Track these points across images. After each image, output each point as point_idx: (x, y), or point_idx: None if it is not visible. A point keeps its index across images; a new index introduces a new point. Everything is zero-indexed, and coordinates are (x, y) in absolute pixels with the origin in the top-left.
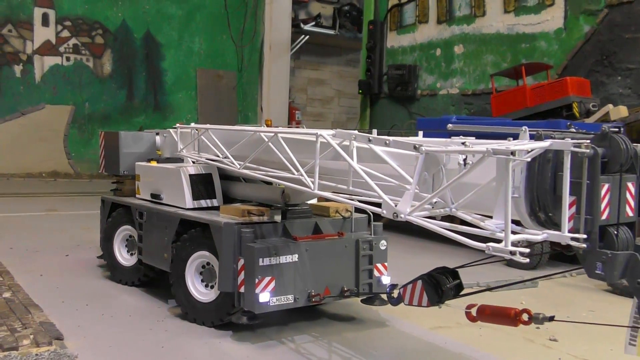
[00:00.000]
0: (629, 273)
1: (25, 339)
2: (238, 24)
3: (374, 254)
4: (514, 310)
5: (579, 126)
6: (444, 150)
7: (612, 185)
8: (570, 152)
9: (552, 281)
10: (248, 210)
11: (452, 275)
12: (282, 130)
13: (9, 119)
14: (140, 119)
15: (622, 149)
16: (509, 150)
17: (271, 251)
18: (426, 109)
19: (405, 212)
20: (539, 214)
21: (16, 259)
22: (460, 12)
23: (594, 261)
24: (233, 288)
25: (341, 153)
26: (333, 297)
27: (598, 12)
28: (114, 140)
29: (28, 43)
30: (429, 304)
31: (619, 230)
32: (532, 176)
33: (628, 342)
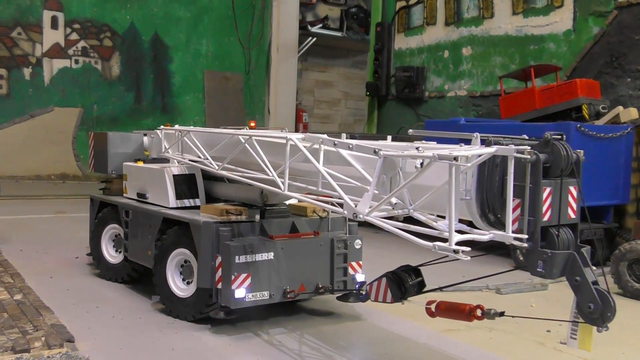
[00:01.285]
0: (568, 271)
1: (37, 341)
2: (245, 26)
3: (348, 252)
4: (468, 306)
5: (589, 128)
6: (400, 154)
7: (554, 189)
8: (513, 157)
9: (562, 284)
10: (226, 210)
11: (414, 273)
12: (256, 133)
13: (18, 122)
14: (148, 121)
15: (562, 155)
16: (452, 156)
17: (247, 249)
18: (434, 111)
19: (363, 213)
20: (488, 215)
21: (26, 260)
22: (468, 14)
23: (536, 260)
24: (211, 284)
25: (308, 156)
26: (308, 294)
27: (607, 13)
28: (103, 141)
29: (37, 46)
30: (392, 300)
31: (560, 231)
32: (482, 180)
33: (570, 336)
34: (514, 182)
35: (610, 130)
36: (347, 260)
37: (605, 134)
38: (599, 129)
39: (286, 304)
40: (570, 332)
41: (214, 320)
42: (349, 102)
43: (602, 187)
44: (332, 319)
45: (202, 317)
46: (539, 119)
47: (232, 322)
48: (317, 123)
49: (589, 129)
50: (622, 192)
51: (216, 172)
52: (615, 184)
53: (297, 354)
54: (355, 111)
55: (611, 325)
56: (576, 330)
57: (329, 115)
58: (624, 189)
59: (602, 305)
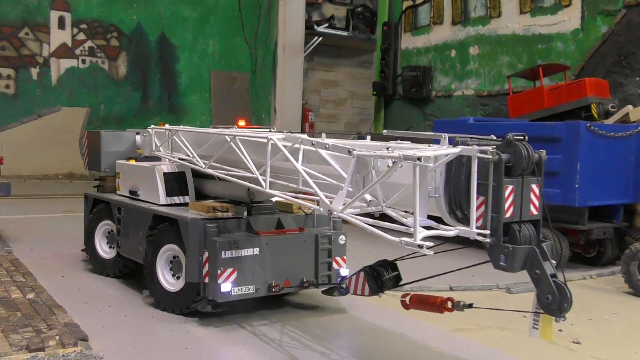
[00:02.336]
0: (528, 265)
1: (51, 340)
2: (252, 26)
3: (332, 247)
4: (440, 299)
5: (598, 127)
6: (371, 154)
7: (516, 187)
8: (477, 157)
9: (572, 283)
10: (213, 207)
11: (391, 268)
12: (240, 133)
13: (25, 121)
14: (154, 121)
15: (524, 155)
16: (415, 156)
17: (232, 245)
18: (441, 111)
19: (337, 210)
20: (456, 212)
21: (37, 260)
22: (475, 13)
23: (498, 254)
24: (199, 279)
25: (287, 155)
26: (293, 288)
27: (616, 12)
28: (96, 140)
29: (44, 46)
30: (370, 293)
31: (521, 226)
32: (450, 178)
33: (532, 326)
34: (479, 180)
35: (619, 129)
36: (331, 255)
37: (614, 133)
38: (608, 128)
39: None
40: (532, 322)
41: (202, 313)
42: (355, 101)
43: (612, 187)
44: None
45: (190, 311)
46: (547, 118)
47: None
48: (323, 122)
49: (599, 128)
50: (632, 191)
51: (203, 170)
52: (625, 183)
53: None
54: (361, 110)
55: (623, 325)
56: (538, 321)
57: (335, 114)
58: (633, 188)
59: (560, 296)
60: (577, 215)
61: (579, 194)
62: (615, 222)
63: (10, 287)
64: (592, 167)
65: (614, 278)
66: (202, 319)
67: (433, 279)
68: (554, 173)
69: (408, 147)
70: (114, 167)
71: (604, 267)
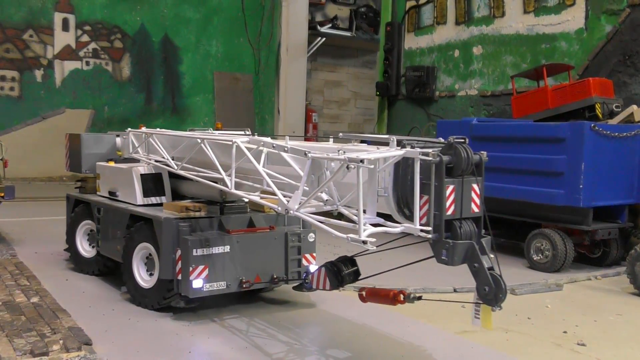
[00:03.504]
0: (468, 258)
1: (55, 344)
2: (255, 27)
3: (302, 245)
4: (392, 292)
5: (603, 127)
6: (324, 157)
7: (457, 187)
8: (419, 159)
9: (577, 284)
10: (186, 207)
11: (350, 263)
12: (208, 137)
13: (30, 124)
14: (158, 122)
15: (463, 157)
16: (359, 159)
17: (204, 243)
18: (444, 111)
19: (293, 208)
20: (404, 209)
21: (41, 263)
22: (479, 13)
23: (440, 249)
24: (172, 275)
25: (249, 157)
26: (264, 283)
27: (620, 11)
28: (77, 142)
29: (49, 48)
30: (331, 288)
31: (462, 223)
32: (397, 178)
33: (474, 316)
34: (423, 180)
35: (624, 129)
36: (301, 252)
37: (619, 133)
38: (613, 128)
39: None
40: (474, 312)
41: (176, 308)
42: (359, 101)
43: (617, 187)
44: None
45: (163, 306)
46: (551, 118)
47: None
48: (326, 123)
49: (603, 128)
50: (637, 191)
51: (176, 171)
52: (630, 183)
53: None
54: (364, 111)
55: (628, 326)
56: (479, 311)
57: (339, 115)
58: (638, 189)
59: (496, 287)
60: (581, 216)
61: (583, 194)
62: (620, 222)
63: (14, 291)
64: (597, 168)
65: (619, 279)
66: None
67: (435, 282)
68: (558, 173)
69: (358, 149)
70: (94, 168)
71: (609, 268)
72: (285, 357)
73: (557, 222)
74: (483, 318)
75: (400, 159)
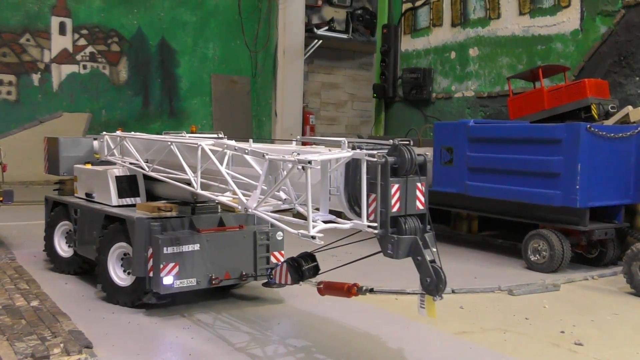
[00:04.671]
0: (412, 252)
1: (56, 347)
2: (252, 30)
3: (270, 243)
4: (347, 285)
5: (599, 128)
6: (280, 158)
7: (401, 186)
8: (365, 160)
9: (574, 284)
10: (158, 207)
11: (310, 259)
12: (176, 139)
13: (27, 127)
14: (156, 126)
15: (407, 158)
16: (306, 160)
17: (174, 241)
18: (441, 112)
19: (252, 207)
20: (355, 207)
21: (40, 267)
22: (474, 15)
23: (386, 243)
24: (144, 273)
25: (213, 159)
26: (233, 280)
27: (615, 12)
28: (55, 145)
29: (46, 52)
30: (292, 282)
31: (407, 219)
32: (348, 178)
33: (419, 306)
34: (371, 180)
35: (620, 130)
36: (269, 250)
37: (615, 134)
38: (608, 129)
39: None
40: (419, 303)
41: (148, 304)
42: (355, 103)
43: (613, 187)
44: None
45: (140, 303)
46: (547, 119)
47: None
48: (323, 125)
49: (599, 129)
50: (633, 191)
51: (147, 173)
52: (626, 183)
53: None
54: (361, 113)
55: (625, 326)
56: (424, 301)
57: (336, 117)
58: (634, 189)
59: (436, 279)
60: (578, 216)
61: (579, 195)
62: (616, 222)
63: (14, 295)
64: (593, 168)
65: (615, 278)
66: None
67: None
68: (554, 174)
69: (313, 151)
70: (72, 171)
71: (606, 268)
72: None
73: (554, 222)
74: (428, 308)
75: (349, 160)
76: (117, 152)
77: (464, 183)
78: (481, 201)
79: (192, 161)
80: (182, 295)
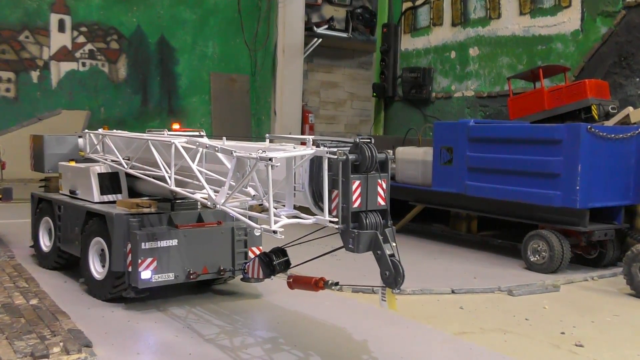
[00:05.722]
0: (372, 246)
1: (55, 346)
2: (251, 28)
3: (248, 239)
4: (314, 279)
5: (599, 129)
6: (246, 155)
7: (362, 182)
8: (327, 157)
9: (574, 285)
10: (137, 204)
11: (282, 254)
12: (152, 137)
13: (26, 125)
14: (155, 124)
15: (367, 155)
16: (267, 157)
17: (151, 237)
18: (441, 112)
19: (219, 203)
20: (319, 203)
21: (39, 265)
22: (475, 15)
23: (347, 238)
24: (124, 268)
25: (185, 156)
26: (211, 274)
27: (615, 13)
28: (40, 143)
29: (44, 49)
30: (264, 276)
31: (368, 215)
32: (312, 175)
33: (381, 299)
34: (333, 176)
35: (620, 130)
36: (247, 245)
37: (615, 135)
38: (609, 130)
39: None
40: (381, 296)
41: (127, 298)
42: (355, 102)
43: (613, 188)
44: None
45: (113, 297)
46: (548, 119)
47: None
48: (323, 124)
49: (599, 130)
50: (633, 192)
51: (126, 170)
52: (626, 184)
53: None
54: (361, 112)
55: (625, 327)
56: (385, 294)
57: (335, 116)
58: (635, 190)
59: (395, 272)
60: (578, 217)
61: (579, 195)
62: (616, 223)
63: (13, 293)
64: (593, 169)
65: (615, 280)
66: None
67: (436, 283)
68: (554, 175)
69: (278, 149)
70: (56, 168)
71: (606, 269)
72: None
73: (554, 223)
74: (389, 300)
75: (313, 157)
76: (100, 149)
77: (464, 183)
78: (481, 201)
79: (168, 158)
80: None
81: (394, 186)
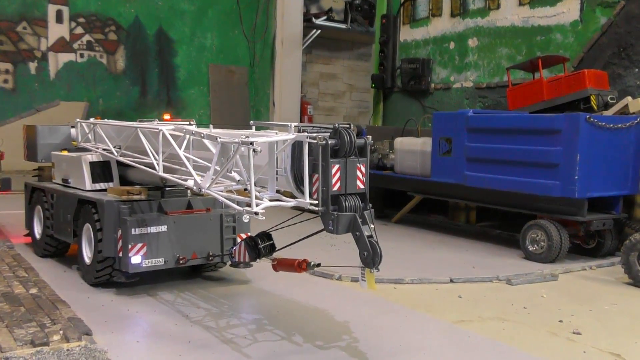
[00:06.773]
0: (351, 228)
1: (55, 334)
2: (250, 20)
3: (237, 225)
4: (297, 261)
5: (598, 119)
6: (230, 141)
7: (342, 166)
8: (307, 142)
9: (572, 274)
10: (127, 191)
11: (267, 237)
12: (141, 125)
13: (24, 116)
14: (153, 115)
15: (346, 140)
16: (249, 141)
17: (141, 223)
18: (440, 103)
19: (205, 187)
20: (301, 187)
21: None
22: (474, 6)
23: (327, 220)
24: (114, 253)
25: (172, 143)
26: (200, 259)
27: (615, 3)
28: (33, 133)
29: (42, 40)
30: (250, 259)
31: (347, 198)
32: (294, 160)
33: (361, 278)
34: (313, 161)
35: (619, 120)
36: (235, 232)
37: (614, 125)
38: (608, 120)
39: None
40: (360, 276)
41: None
42: (354, 94)
43: (611, 178)
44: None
45: (100, 281)
46: (547, 110)
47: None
48: (321, 115)
49: (598, 120)
50: (631, 182)
51: (116, 158)
52: (625, 174)
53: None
54: (360, 103)
55: (623, 315)
56: (364, 274)
57: (334, 107)
58: (633, 180)
59: (372, 252)
60: (576, 207)
61: (578, 185)
62: (614, 213)
63: (13, 282)
64: (592, 159)
65: (613, 269)
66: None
67: (434, 273)
68: (553, 165)
69: (260, 135)
70: (49, 158)
71: (604, 258)
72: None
73: (553, 213)
74: (368, 280)
75: (295, 142)
76: (92, 138)
77: (463, 173)
78: (479, 191)
79: (157, 146)
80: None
81: (393, 177)
